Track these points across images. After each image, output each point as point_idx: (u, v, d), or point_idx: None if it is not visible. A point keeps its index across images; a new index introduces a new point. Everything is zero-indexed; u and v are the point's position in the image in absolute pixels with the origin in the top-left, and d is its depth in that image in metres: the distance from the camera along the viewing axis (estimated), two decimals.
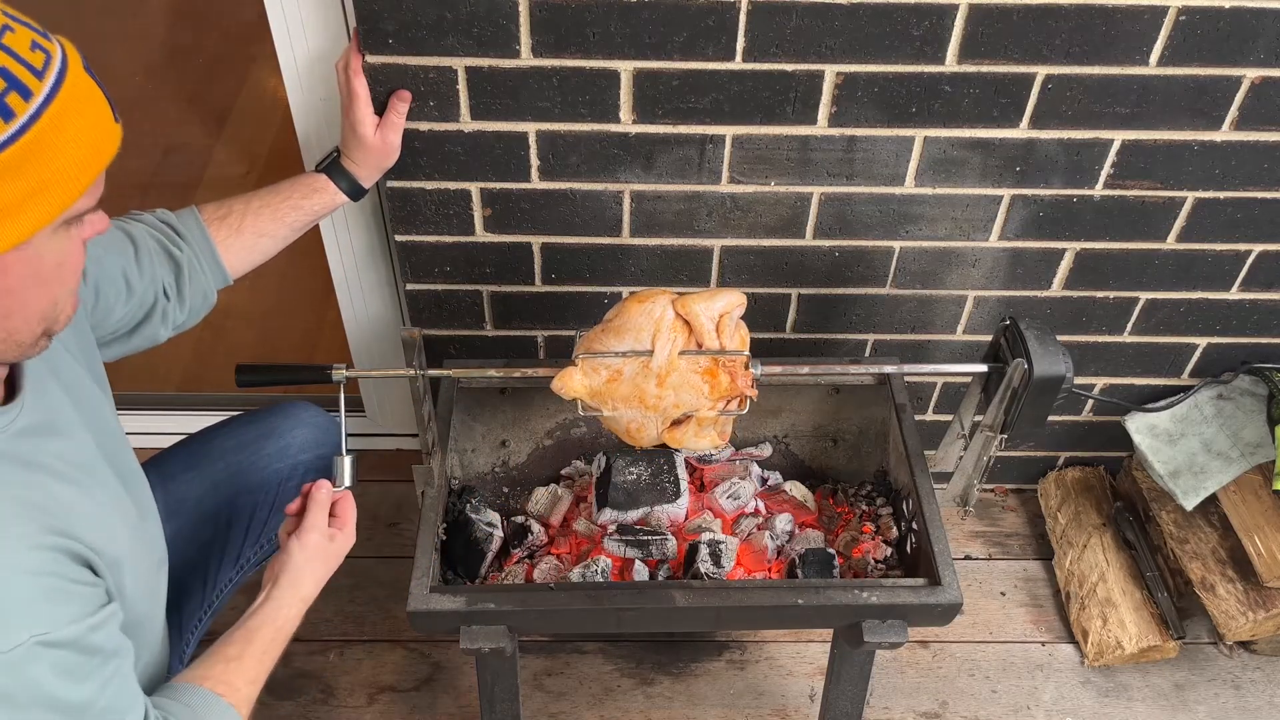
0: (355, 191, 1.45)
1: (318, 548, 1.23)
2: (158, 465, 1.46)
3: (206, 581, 1.43)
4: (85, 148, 0.85)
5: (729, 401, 1.34)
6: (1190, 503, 1.80)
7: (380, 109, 1.44)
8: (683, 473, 1.66)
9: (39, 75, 0.81)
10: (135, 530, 1.10)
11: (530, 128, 1.50)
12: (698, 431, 1.38)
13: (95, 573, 0.98)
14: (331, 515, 1.26)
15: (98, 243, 1.22)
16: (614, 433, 1.40)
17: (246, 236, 1.37)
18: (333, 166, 1.44)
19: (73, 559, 0.95)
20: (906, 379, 1.70)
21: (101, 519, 1.01)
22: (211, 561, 1.44)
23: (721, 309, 1.30)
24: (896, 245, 1.67)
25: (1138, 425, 1.88)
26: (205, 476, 1.45)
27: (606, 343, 1.30)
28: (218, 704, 1.07)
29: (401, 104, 1.43)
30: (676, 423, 1.37)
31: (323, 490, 1.25)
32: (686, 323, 1.30)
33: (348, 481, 1.28)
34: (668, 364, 1.29)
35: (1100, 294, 1.75)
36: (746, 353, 1.32)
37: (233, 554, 1.45)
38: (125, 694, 0.99)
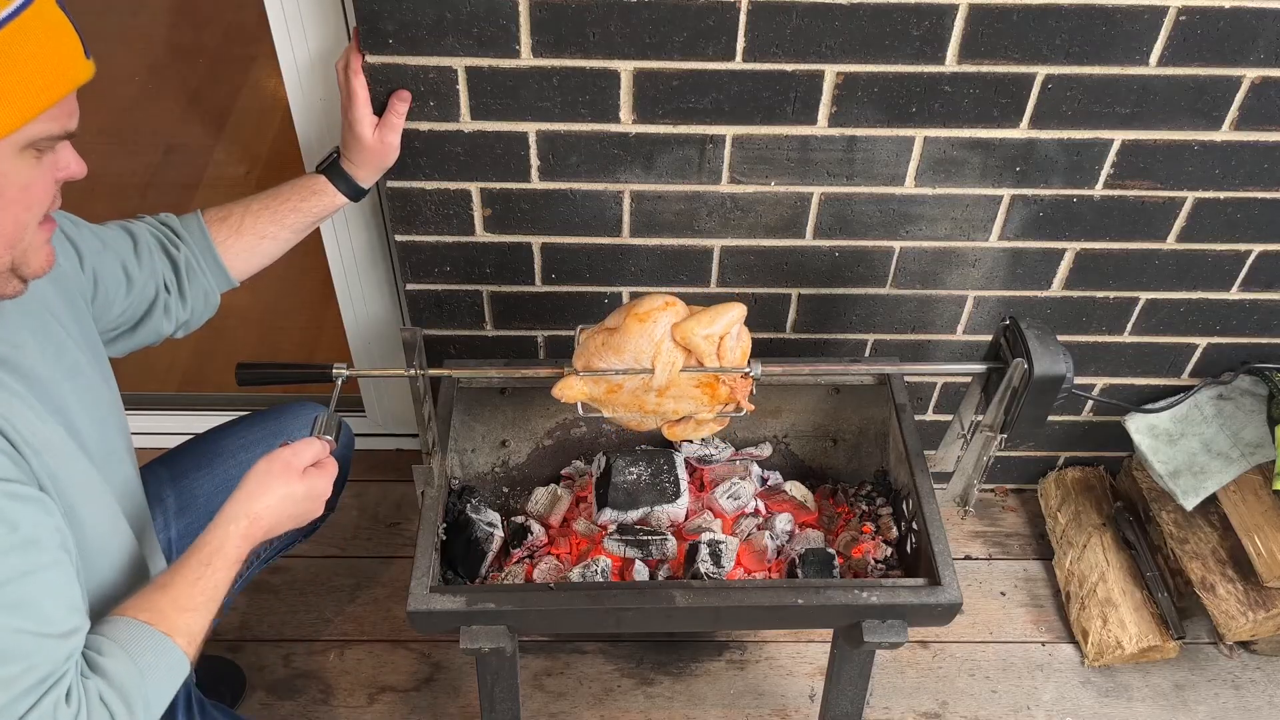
0: (354, 192, 1.46)
1: (286, 465, 1.15)
2: (168, 463, 1.46)
3: None
4: (47, 68, 0.88)
5: (727, 404, 1.35)
6: (1190, 503, 1.80)
7: (380, 109, 1.44)
8: (683, 473, 1.66)
9: None
10: (105, 503, 1.08)
11: (530, 128, 1.50)
12: (696, 429, 1.39)
13: (20, 454, 0.95)
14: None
15: (98, 236, 1.22)
16: (614, 423, 1.40)
17: (247, 238, 1.38)
18: (332, 168, 1.45)
19: None
20: (906, 379, 1.70)
21: (54, 448, 0.99)
22: None
23: (721, 330, 1.28)
24: (896, 245, 1.67)
25: (1138, 425, 1.88)
26: (215, 475, 1.45)
27: (607, 358, 1.29)
28: (147, 633, 1.01)
29: (401, 104, 1.43)
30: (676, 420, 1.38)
31: (317, 441, 1.20)
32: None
33: (326, 433, 1.24)
34: (667, 382, 1.30)
35: (1100, 294, 1.75)
36: (746, 369, 1.31)
37: None
38: (50, 598, 0.93)
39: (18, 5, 0.85)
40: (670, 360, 1.28)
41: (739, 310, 1.29)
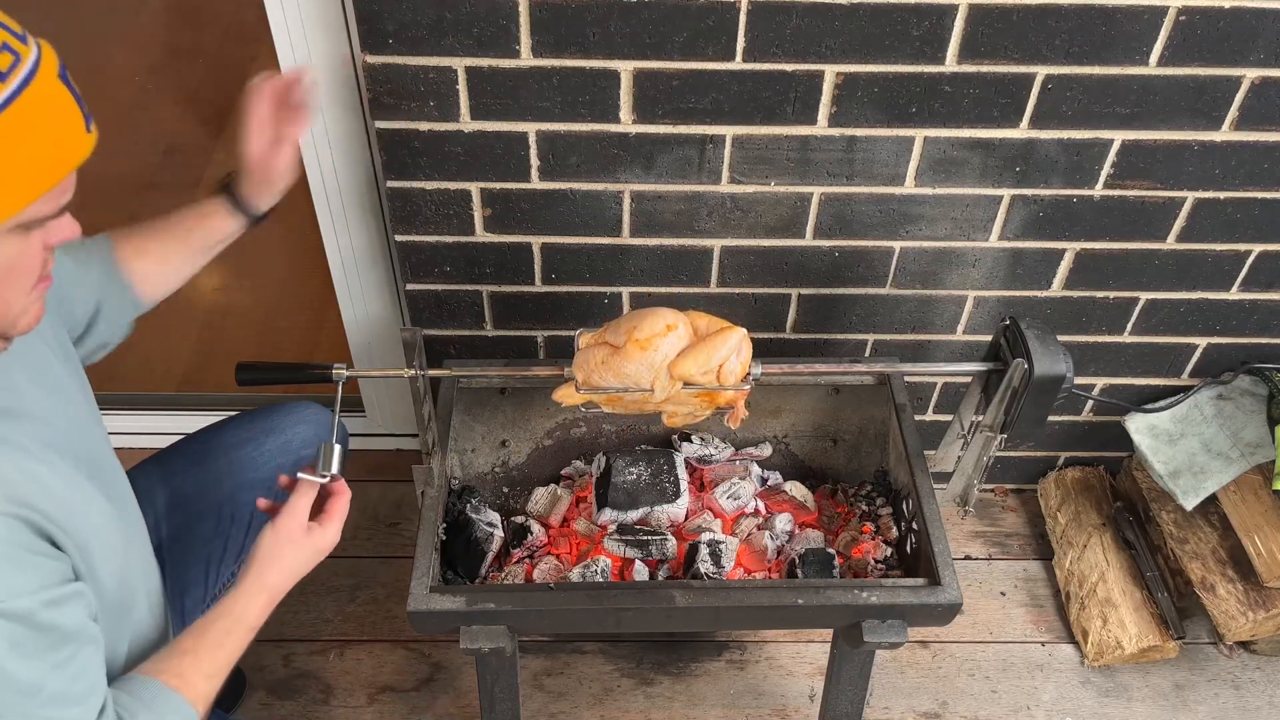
0: (249, 215, 1.36)
1: (290, 535, 1.17)
2: (160, 462, 1.46)
3: (208, 576, 1.44)
4: (43, 155, 0.84)
5: (726, 405, 1.35)
6: (1190, 503, 1.80)
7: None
8: (683, 473, 1.66)
9: (2, 78, 0.81)
10: (110, 521, 1.08)
11: (530, 128, 1.50)
12: (695, 419, 1.40)
13: (58, 547, 0.96)
14: (321, 511, 1.21)
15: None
16: (613, 418, 1.41)
17: (149, 259, 1.32)
18: (226, 189, 1.36)
19: (32, 529, 0.93)
20: (906, 379, 1.70)
21: (71, 500, 1.00)
22: (213, 556, 1.44)
23: (719, 362, 1.28)
24: (896, 245, 1.67)
25: (1138, 425, 1.88)
26: (207, 472, 1.45)
27: (607, 378, 1.29)
28: (173, 699, 1.04)
29: (293, 127, 1.31)
30: None
31: (310, 479, 1.21)
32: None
33: (334, 469, 1.25)
34: (666, 399, 1.31)
35: (1100, 294, 1.75)
36: (745, 386, 1.32)
37: (234, 549, 1.45)
38: (83, 682, 0.96)
39: (15, 88, 0.81)
40: (669, 383, 1.29)
41: (736, 338, 1.29)
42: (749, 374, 1.31)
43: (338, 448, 1.25)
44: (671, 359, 1.27)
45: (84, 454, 1.08)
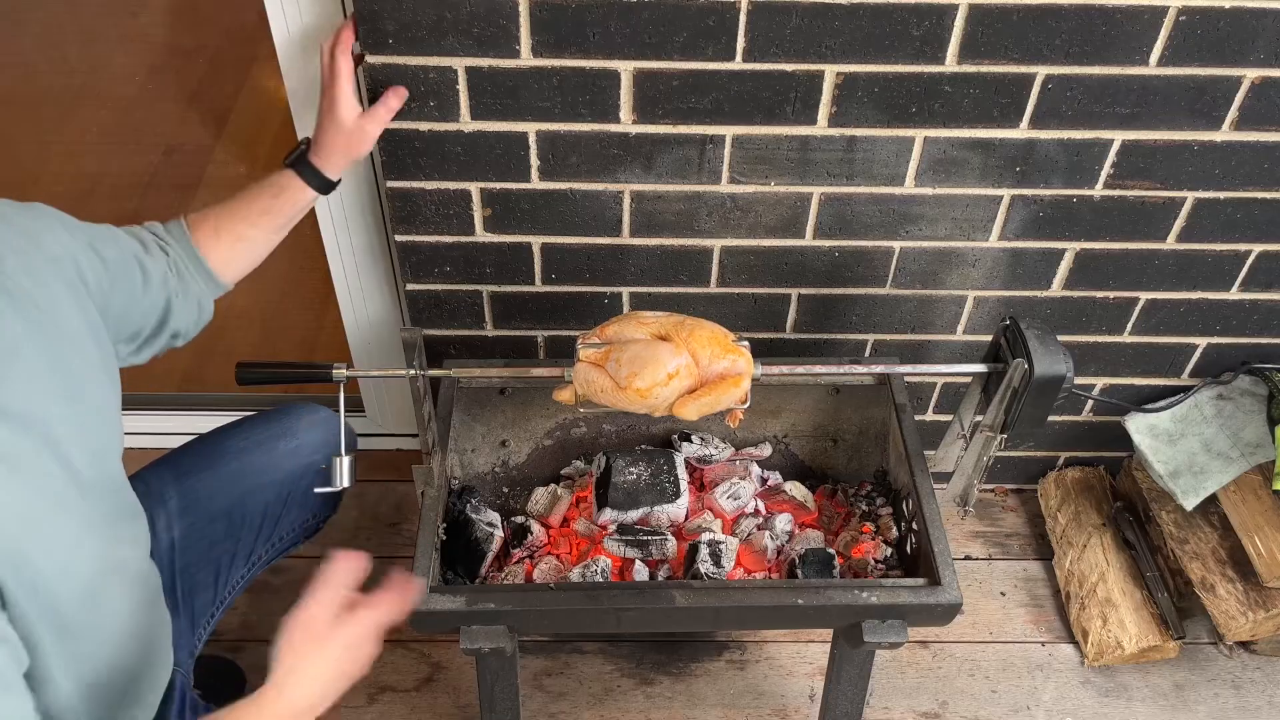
0: (324, 185, 1.40)
1: (311, 628, 1.07)
2: (171, 463, 1.46)
3: (218, 578, 1.44)
4: None
5: None
6: (1190, 503, 1.80)
7: (371, 101, 1.43)
8: (683, 473, 1.66)
9: None
10: (82, 538, 1.05)
11: (530, 128, 1.50)
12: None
13: None
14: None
15: (101, 238, 1.19)
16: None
17: (225, 240, 1.34)
18: (299, 160, 1.39)
19: None
20: (906, 379, 1.70)
21: (29, 513, 0.95)
22: (223, 558, 1.44)
23: (721, 408, 1.30)
24: (896, 245, 1.67)
25: (1138, 425, 1.88)
26: (218, 474, 1.45)
27: (607, 404, 1.31)
28: None
29: (395, 100, 1.41)
30: None
31: (341, 564, 1.10)
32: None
33: (346, 482, 1.24)
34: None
35: (1100, 294, 1.75)
36: (744, 405, 1.33)
37: (244, 551, 1.46)
38: None
39: None
40: (668, 413, 1.31)
41: (740, 392, 1.29)
42: (746, 402, 1.32)
43: (347, 459, 1.24)
44: (673, 402, 1.29)
45: (85, 466, 1.06)
